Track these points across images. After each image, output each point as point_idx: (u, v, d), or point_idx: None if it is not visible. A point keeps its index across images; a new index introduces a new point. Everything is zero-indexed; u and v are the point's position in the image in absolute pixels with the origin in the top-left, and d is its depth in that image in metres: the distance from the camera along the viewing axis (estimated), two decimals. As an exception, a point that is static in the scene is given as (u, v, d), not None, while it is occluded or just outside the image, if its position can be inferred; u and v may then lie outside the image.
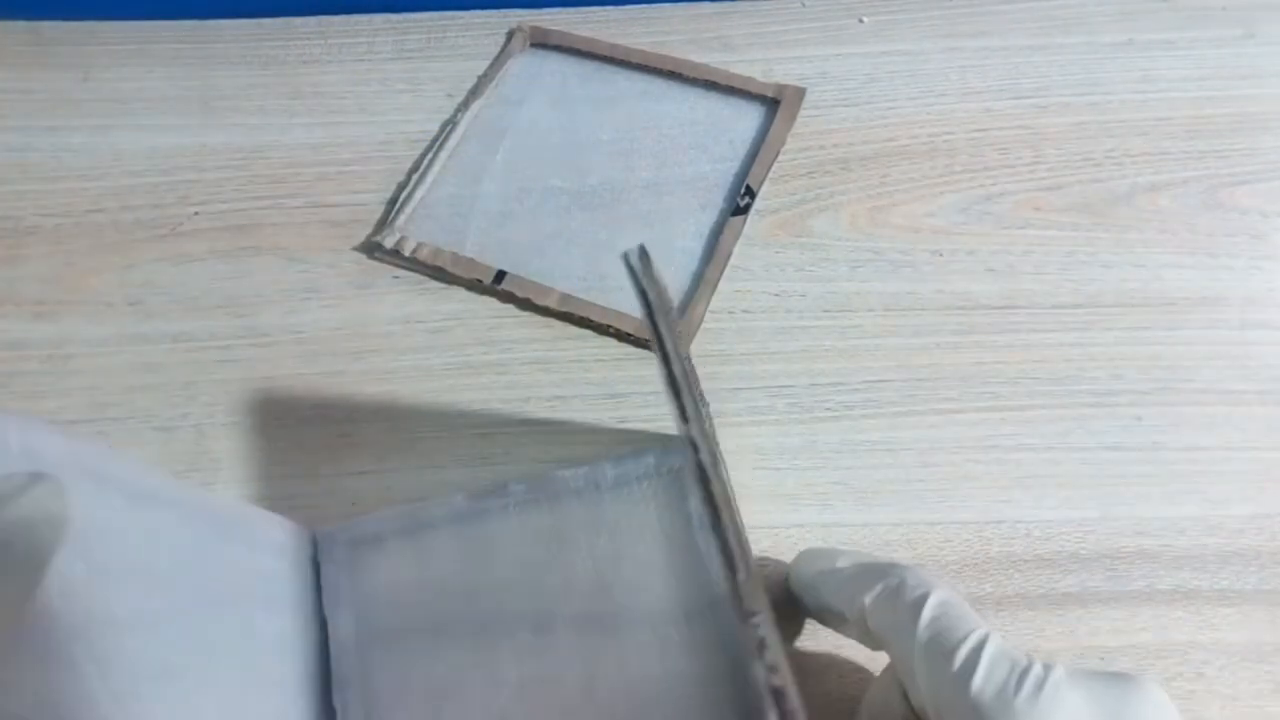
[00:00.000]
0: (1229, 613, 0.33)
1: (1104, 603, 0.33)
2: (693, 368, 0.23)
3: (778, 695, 0.20)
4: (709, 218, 0.43)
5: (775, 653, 0.21)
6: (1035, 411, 0.37)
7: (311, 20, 0.50)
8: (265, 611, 0.30)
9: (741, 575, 0.22)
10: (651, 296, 0.25)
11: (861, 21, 0.49)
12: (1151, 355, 0.38)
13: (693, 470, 0.23)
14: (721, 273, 0.41)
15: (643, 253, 0.25)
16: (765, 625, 0.21)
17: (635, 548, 0.33)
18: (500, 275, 0.41)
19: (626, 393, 0.38)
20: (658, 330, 0.24)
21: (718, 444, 0.23)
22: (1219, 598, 0.33)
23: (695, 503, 0.33)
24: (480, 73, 0.48)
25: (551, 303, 0.40)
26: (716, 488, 0.23)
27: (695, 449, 0.23)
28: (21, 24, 0.51)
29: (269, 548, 0.31)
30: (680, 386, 0.24)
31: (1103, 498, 0.35)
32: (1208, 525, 0.35)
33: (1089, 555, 0.34)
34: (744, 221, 0.42)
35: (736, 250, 0.41)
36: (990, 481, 0.35)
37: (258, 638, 0.29)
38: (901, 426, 0.37)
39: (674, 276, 0.41)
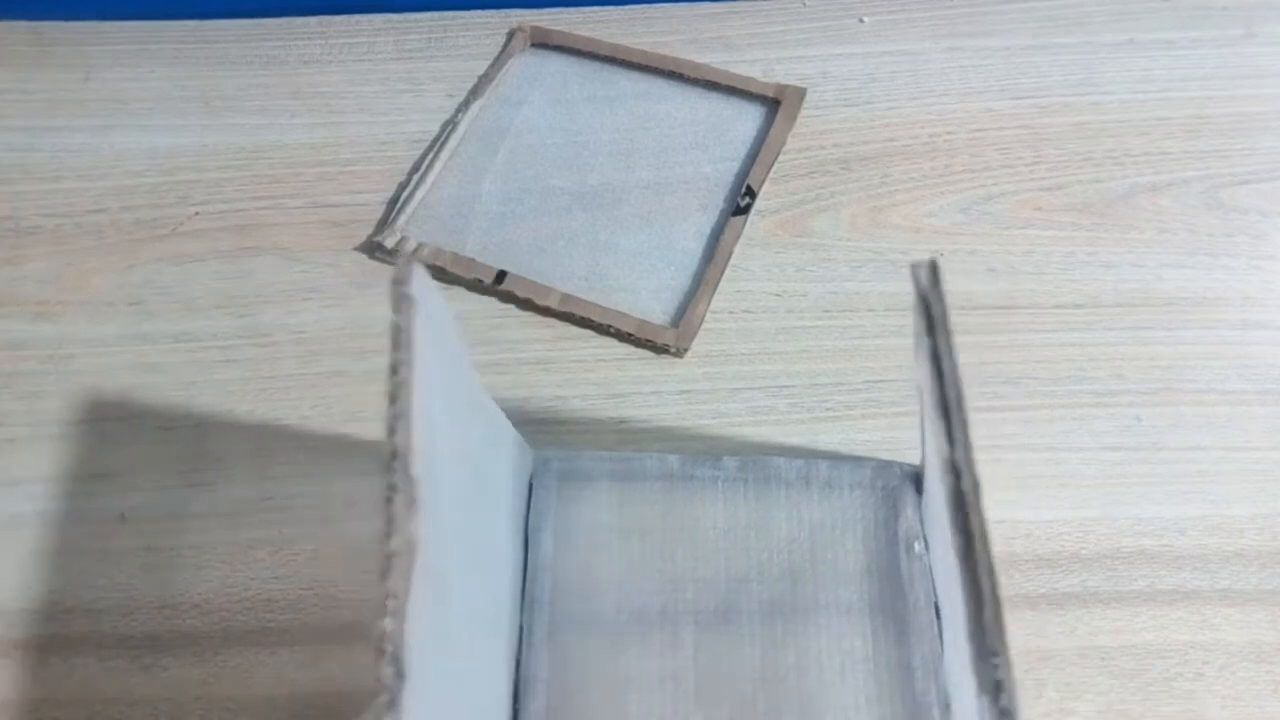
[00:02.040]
0: (1230, 613, 0.33)
1: (1104, 603, 0.33)
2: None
3: None
4: (709, 218, 0.43)
5: (1011, 698, 0.20)
6: (1036, 411, 0.37)
7: (312, 20, 0.50)
8: (501, 520, 0.30)
9: (988, 612, 0.21)
10: (936, 312, 0.24)
11: (862, 21, 0.49)
12: (1152, 355, 0.38)
13: (949, 497, 0.23)
14: (722, 273, 0.41)
15: (934, 267, 0.25)
16: (1004, 668, 0.20)
17: (834, 553, 0.33)
18: (501, 275, 0.41)
19: (627, 393, 0.38)
20: (936, 347, 0.24)
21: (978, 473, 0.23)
22: (1220, 598, 0.33)
23: (906, 525, 0.33)
24: (481, 73, 0.48)
25: (552, 303, 0.40)
26: (975, 519, 0.22)
27: (958, 475, 0.23)
28: (22, 24, 0.51)
29: (509, 456, 0.31)
30: (952, 408, 0.23)
31: (1103, 498, 0.35)
32: (1208, 525, 0.35)
33: (1090, 555, 0.34)
34: (744, 222, 0.42)
35: (737, 250, 0.41)
36: (991, 481, 0.35)
37: (497, 546, 0.29)
38: (902, 426, 0.37)
39: (674, 277, 0.41)
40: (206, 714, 0.32)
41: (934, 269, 0.25)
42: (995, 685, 0.20)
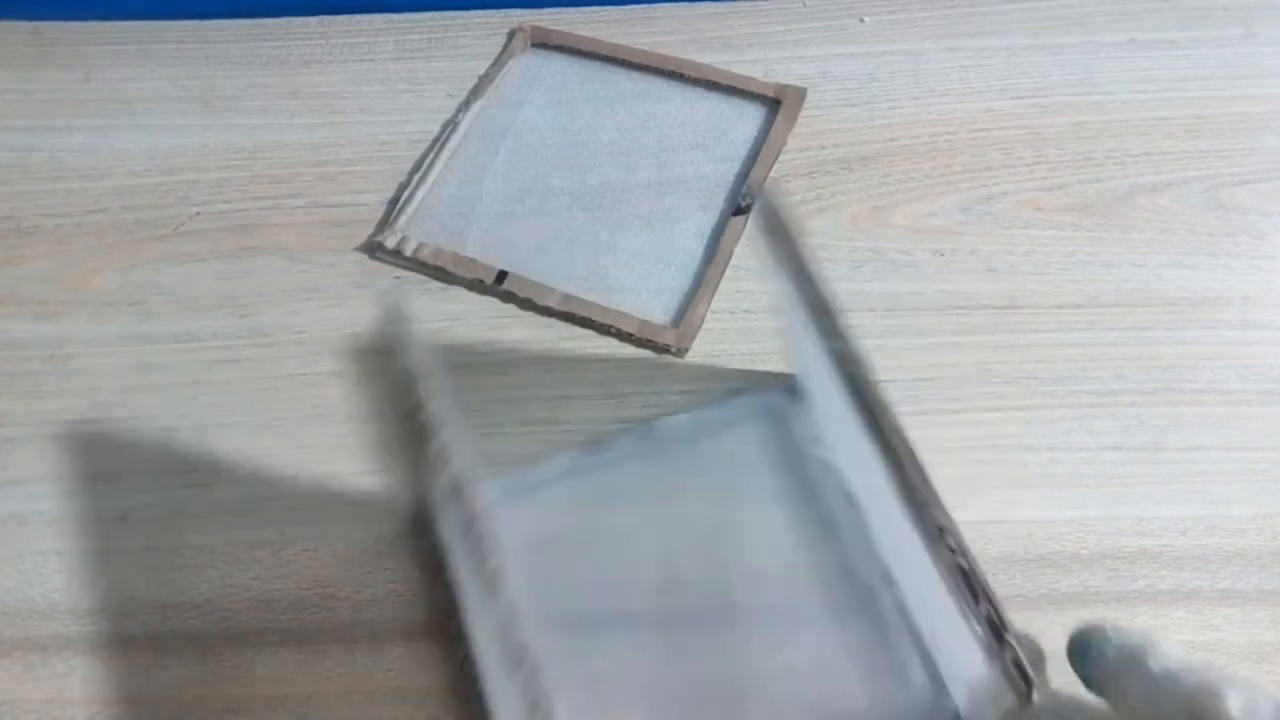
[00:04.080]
0: (1230, 613, 0.33)
1: (1105, 603, 0.33)
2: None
3: (966, 575, 0.22)
4: (710, 218, 0.43)
5: (956, 539, 0.22)
6: (1037, 411, 0.37)
7: (312, 20, 0.50)
8: None
9: (910, 470, 0.23)
10: (791, 226, 0.26)
11: (862, 21, 0.49)
12: (1152, 355, 0.38)
13: (843, 382, 0.24)
14: (723, 273, 0.41)
15: (768, 194, 0.27)
16: (940, 512, 0.22)
17: (745, 485, 0.34)
18: (501, 275, 0.41)
19: (627, 393, 0.38)
20: (798, 256, 0.26)
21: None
22: (1220, 598, 0.33)
23: (799, 433, 0.35)
24: (481, 73, 0.48)
25: (553, 303, 0.40)
26: (870, 395, 0.24)
27: (845, 361, 0.24)
28: (23, 24, 0.51)
29: None
30: (828, 305, 0.25)
31: (1104, 498, 0.35)
32: (1209, 525, 0.35)
33: (1090, 555, 0.34)
34: (745, 222, 0.42)
35: (738, 250, 0.41)
36: (992, 481, 0.35)
37: None
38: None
39: (675, 277, 0.41)
40: (207, 714, 0.32)
41: (770, 196, 0.27)
42: (938, 530, 0.22)
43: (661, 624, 0.31)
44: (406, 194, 0.43)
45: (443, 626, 0.33)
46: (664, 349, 0.39)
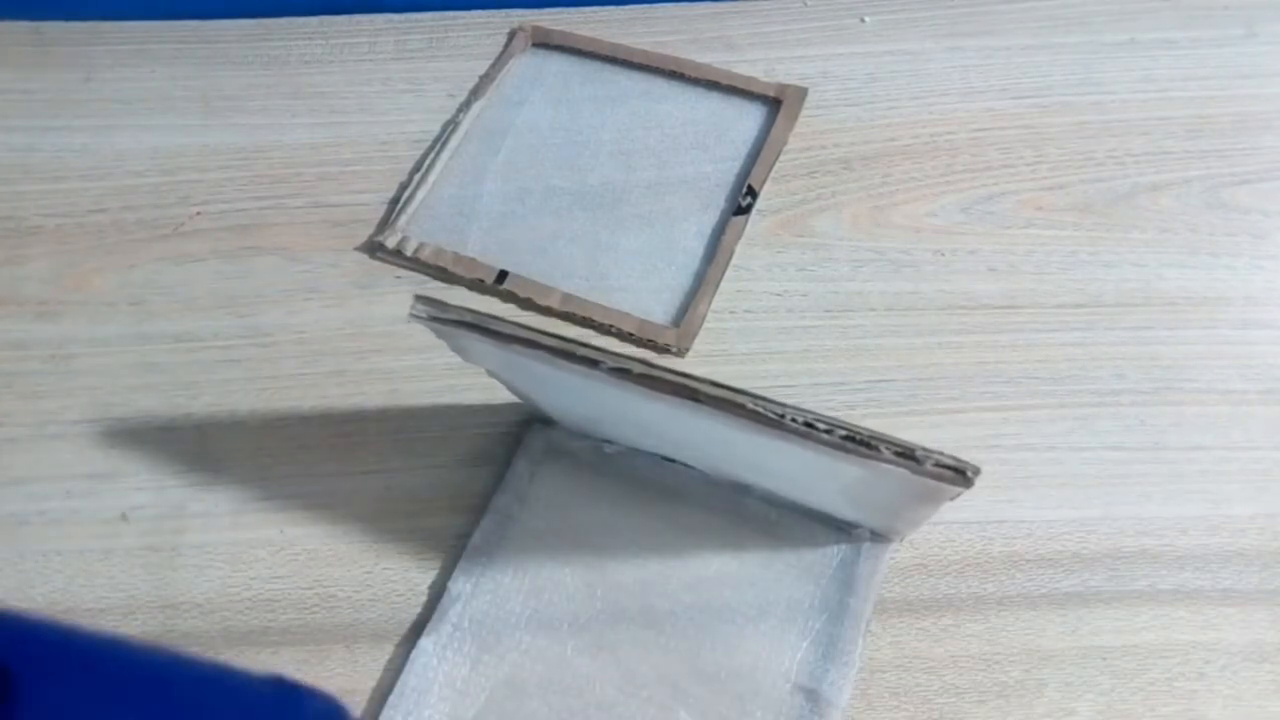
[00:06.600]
0: (1231, 613, 0.33)
1: (1106, 602, 0.33)
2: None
3: (853, 439, 0.24)
4: (710, 218, 0.43)
5: (824, 421, 0.24)
6: (1037, 411, 0.37)
7: (313, 20, 0.50)
8: None
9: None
10: (459, 315, 0.27)
11: (863, 21, 0.49)
12: (1153, 355, 0.38)
13: (596, 373, 0.25)
14: (723, 273, 0.41)
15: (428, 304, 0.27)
16: (796, 412, 0.24)
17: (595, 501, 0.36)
18: (502, 275, 0.41)
19: (628, 392, 0.38)
20: (471, 323, 0.27)
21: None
22: (1221, 598, 0.33)
23: (580, 443, 0.37)
24: (482, 73, 0.48)
25: (553, 303, 0.40)
26: (644, 368, 0.25)
27: (584, 359, 0.25)
28: (24, 24, 0.51)
29: None
30: (528, 335, 0.26)
31: (1105, 497, 0.35)
32: (1210, 525, 0.35)
33: (1091, 555, 0.34)
34: (746, 221, 0.42)
35: (738, 250, 0.41)
36: (992, 481, 0.35)
37: None
38: (903, 426, 0.37)
39: (675, 276, 0.41)
40: (207, 714, 0.32)
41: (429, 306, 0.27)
42: (806, 426, 0.24)
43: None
44: (407, 194, 0.43)
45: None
46: (664, 349, 0.39)
